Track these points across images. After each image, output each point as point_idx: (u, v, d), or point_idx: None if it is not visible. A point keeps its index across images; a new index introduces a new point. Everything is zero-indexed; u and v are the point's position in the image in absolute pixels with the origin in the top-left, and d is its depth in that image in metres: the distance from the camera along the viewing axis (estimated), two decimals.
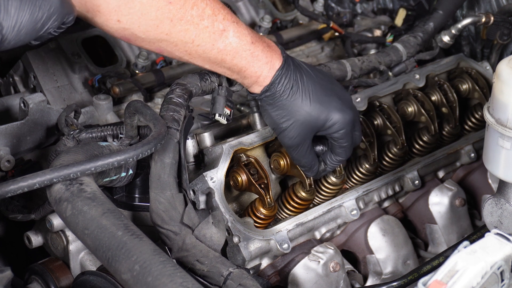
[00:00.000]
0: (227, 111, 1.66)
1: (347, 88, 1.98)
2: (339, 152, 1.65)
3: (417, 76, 2.00)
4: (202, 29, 1.47)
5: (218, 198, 1.62)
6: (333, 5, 2.51)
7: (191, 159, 1.72)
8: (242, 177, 1.67)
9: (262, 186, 1.66)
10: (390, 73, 2.03)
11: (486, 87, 2.05)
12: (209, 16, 1.47)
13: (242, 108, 1.97)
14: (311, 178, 1.71)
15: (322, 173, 1.70)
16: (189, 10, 1.45)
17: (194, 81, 1.64)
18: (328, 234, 1.81)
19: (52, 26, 1.31)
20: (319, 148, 1.68)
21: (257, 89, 1.59)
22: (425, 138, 1.95)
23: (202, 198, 1.64)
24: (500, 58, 2.21)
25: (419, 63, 2.10)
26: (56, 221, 1.68)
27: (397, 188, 1.91)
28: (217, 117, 1.65)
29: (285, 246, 1.67)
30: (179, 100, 1.58)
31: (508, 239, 1.23)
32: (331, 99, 1.60)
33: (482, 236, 1.30)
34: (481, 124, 2.06)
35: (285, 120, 1.59)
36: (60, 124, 1.70)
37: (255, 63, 1.55)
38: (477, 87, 2.03)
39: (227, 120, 1.66)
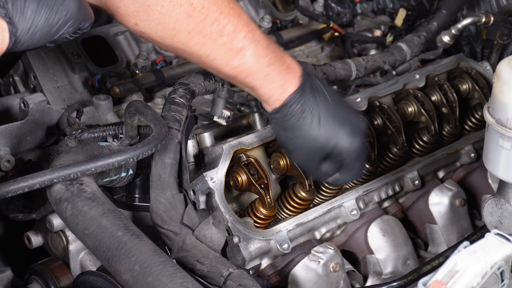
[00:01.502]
0: (227, 112, 1.65)
1: (349, 88, 1.98)
2: (349, 173, 1.64)
3: (417, 76, 2.00)
4: (220, 45, 1.45)
5: (218, 198, 1.62)
6: (333, 5, 2.51)
7: (191, 159, 1.72)
8: (242, 177, 1.66)
9: (262, 186, 1.66)
10: (394, 72, 2.03)
11: (486, 87, 2.05)
12: (229, 33, 1.44)
13: (242, 108, 1.97)
14: (311, 178, 1.71)
15: (334, 183, 1.69)
16: (209, 25, 1.42)
17: (198, 80, 1.63)
18: (328, 234, 1.81)
19: (68, 32, 1.30)
20: (329, 166, 1.66)
21: (267, 108, 1.57)
22: (425, 138, 1.95)
23: (202, 198, 1.64)
24: (500, 58, 2.21)
25: (422, 63, 2.10)
26: (56, 221, 1.68)
27: (397, 188, 1.91)
28: (215, 118, 1.65)
29: (285, 246, 1.67)
30: (181, 100, 1.58)
31: (508, 239, 1.24)
32: (341, 126, 1.56)
33: (482, 236, 1.30)
34: (481, 124, 2.05)
35: (292, 143, 1.57)
36: (62, 124, 1.70)
37: (267, 84, 1.52)
38: (477, 87, 2.03)
39: (227, 121, 1.66)
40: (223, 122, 1.66)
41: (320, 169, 1.61)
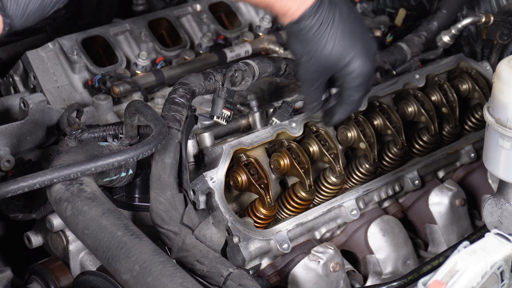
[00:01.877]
0: (227, 112, 1.65)
1: None
2: (348, 102, 1.63)
3: (417, 76, 2.00)
4: None
5: (218, 198, 1.62)
6: None
7: (191, 159, 1.72)
8: (242, 177, 1.66)
9: (262, 186, 1.66)
10: (394, 72, 2.03)
11: (486, 87, 2.05)
12: None
13: (242, 108, 1.97)
14: (311, 178, 1.71)
15: (328, 120, 1.69)
16: None
17: (198, 80, 1.63)
18: (328, 234, 1.81)
19: (58, 7, 1.31)
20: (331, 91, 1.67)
21: (285, 21, 1.56)
22: (425, 138, 1.95)
23: (202, 198, 1.64)
24: (500, 58, 2.21)
25: (423, 63, 2.10)
26: (56, 221, 1.68)
27: (397, 188, 1.91)
28: (215, 119, 1.65)
29: (285, 246, 1.67)
30: (181, 100, 1.58)
31: (508, 239, 1.24)
32: (357, 45, 1.56)
33: (482, 236, 1.30)
34: (481, 124, 2.05)
35: (305, 54, 1.56)
36: (62, 124, 1.70)
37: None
38: (477, 87, 2.03)
39: (226, 121, 1.66)
40: (223, 122, 1.66)
41: (320, 93, 1.62)
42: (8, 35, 1.30)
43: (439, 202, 1.94)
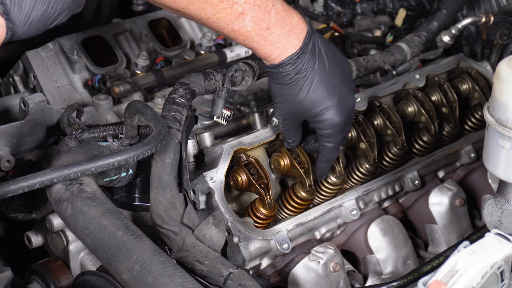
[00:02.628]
0: (227, 112, 1.65)
1: None
2: (322, 151, 1.65)
3: (417, 76, 2.00)
4: (219, 10, 1.45)
5: (218, 198, 1.62)
6: (333, 5, 2.51)
7: (191, 159, 1.72)
8: (242, 177, 1.66)
9: (262, 186, 1.66)
10: (394, 72, 2.03)
11: (486, 87, 2.05)
12: None
13: (242, 108, 1.97)
14: (311, 178, 1.71)
15: (317, 177, 1.72)
16: None
17: (198, 80, 1.63)
18: (328, 234, 1.81)
19: (62, 20, 1.31)
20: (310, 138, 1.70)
21: (265, 62, 1.59)
22: (425, 138, 1.95)
23: (202, 198, 1.64)
24: (500, 58, 2.21)
25: (423, 63, 2.10)
26: (56, 221, 1.68)
27: (397, 188, 1.91)
28: (215, 119, 1.65)
29: (285, 246, 1.67)
30: (182, 100, 1.58)
31: (508, 239, 1.23)
32: (332, 97, 1.58)
33: (482, 236, 1.30)
34: (481, 124, 2.05)
35: (280, 96, 1.59)
36: (62, 124, 1.70)
37: (266, 46, 1.53)
38: (477, 87, 2.03)
39: (226, 121, 1.66)
40: (223, 122, 1.66)
41: (295, 131, 1.65)
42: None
43: (439, 202, 1.94)
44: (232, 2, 1.45)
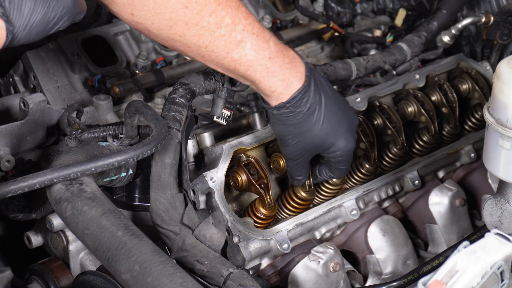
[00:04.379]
0: (227, 112, 1.65)
1: (349, 87, 1.98)
2: (334, 171, 1.67)
3: (417, 76, 2.00)
4: (218, 37, 1.43)
5: (218, 198, 1.62)
6: (333, 5, 2.51)
7: (191, 159, 1.72)
8: (242, 177, 1.66)
9: (262, 186, 1.66)
10: (394, 72, 2.03)
11: (486, 87, 2.05)
12: (227, 25, 1.43)
13: (242, 108, 1.97)
14: (311, 179, 1.71)
15: (313, 182, 1.73)
16: (206, 16, 1.40)
17: (198, 80, 1.63)
18: (328, 234, 1.81)
19: (63, 26, 1.31)
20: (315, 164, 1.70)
21: (271, 102, 1.55)
22: (425, 138, 1.95)
23: (202, 198, 1.64)
24: (500, 58, 2.21)
25: (423, 63, 2.10)
26: (56, 221, 1.68)
27: (397, 188, 1.91)
28: (215, 119, 1.65)
29: (285, 246, 1.67)
30: (182, 100, 1.58)
31: (508, 239, 1.23)
32: (341, 126, 1.58)
33: (482, 236, 1.30)
34: (481, 124, 2.05)
35: (291, 137, 1.57)
36: (62, 124, 1.70)
37: (269, 78, 1.50)
38: (477, 87, 2.03)
39: (226, 121, 1.66)
40: (223, 122, 1.66)
41: (304, 167, 1.64)
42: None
43: (439, 202, 1.94)
44: (231, 29, 1.43)
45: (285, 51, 1.52)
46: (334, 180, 1.77)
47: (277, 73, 1.50)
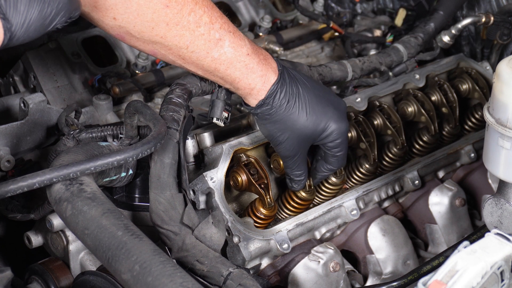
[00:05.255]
0: (225, 114, 1.66)
1: (347, 89, 1.98)
2: (332, 161, 1.66)
3: (417, 76, 2.00)
4: (198, 36, 1.46)
5: (218, 198, 1.62)
6: (333, 5, 2.51)
7: (191, 159, 1.72)
8: (242, 177, 1.66)
9: (262, 186, 1.66)
10: (390, 74, 2.03)
11: (486, 87, 2.05)
12: (206, 23, 1.46)
13: (242, 108, 1.97)
14: (311, 179, 1.71)
15: (314, 183, 1.72)
16: (186, 16, 1.43)
17: (194, 81, 1.63)
18: (328, 234, 1.81)
19: (60, 22, 1.31)
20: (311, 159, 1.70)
21: (252, 102, 1.58)
22: (425, 138, 1.95)
23: (202, 198, 1.64)
24: (500, 58, 2.21)
25: (420, 64, 2.10)
26: (56, 221, 1.68)
27: (397, 188, 1.91)
28: (214, 120, 1.65)
29: (285, 246, 1.67)
30: (179, 100, 1.58)
31: (508, 239, 1.23)
32: (327, 109, 1.60)
33: (482, 236, 1.30)
34: (481, 124, 2.06)
35: (281, 134, 1.59)
36: (60, 124, 1.70)
37: (249, 75, 1.54)
38: (477, 87, 2.03)
39: (225, 123, 1.66)
40: (221, 124, 1.66)
41: (303, 164, 1.64)
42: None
43: (439, 202, 1.94)
44: (209, 27, 1.46)
45: (259, 49, 1.57)
46: (334, 179, 1.77)
47: (255, 69, 1.53)
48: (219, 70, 1.52)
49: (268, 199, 1.65)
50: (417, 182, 1.92)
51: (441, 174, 2.01)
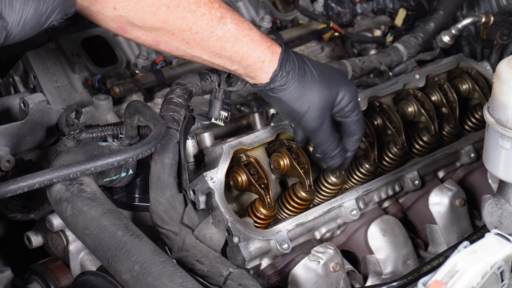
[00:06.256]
0: (224, 113, 1.65)
1: None
2: (354, 129, 1.64)
3: (417, 76, 2.00)
4: (200, 16, 1.45)
5: (218, 198, 1.62)
6: (333, 5, 2.51)
7: (191, 159, 1.72)
8: (242, 177, 1.66)
9: (262, 186, 1.66)
10: (390, 73, 2.03)
11: (486, 87, 2.05)
12: (205, 3, 1.45)
13: (242, 108, 1.97)
14: (311, 179, 1.71)
15: (347, 161, 1.69)
16: None
17: (194, 81, 1.63)
18: (328, 234, 1.81)
19: (56, 19, 1.30)
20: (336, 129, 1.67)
21: (264, 78, 1.56)
22: (425, 138, 1.95)
23: (202, 198, 1.64)
24: (500, 58, 2.21)
25: (420, 64, 2.10)
26: (56, 221, 1.68)
27: (397, 188, 1.91)
28: (213, 120, 1.65)
29: (285, 246, 1.67)
30: (179, 100, 1.58)
31: (508, 239, 1.23)
32: (334, 75, 1.61)
33: (482, 236, 1.30)
34: (481, 124, 2.06)
35: (301, 104, 1.57)
36: (60, 124, 1.70)
37: (256, 48, 1.53)
38: (477, 87, 2.03)
39: (224, 122, 1.66)
40: (221, 123, 1.66)
41: (333, 135, 1.62)
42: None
43: (439, 202, 1.94)
44: (209, 7, 1.46)
45: (255, 28, 1.57)
46: (334, 179, 1.77)
47: (260, 41, 1.53)
48: (225, 49, 1.51)
49: (268, 199, 1.65)
50: (417, 182, 1.92)
51: (441, 174, 2.01)
